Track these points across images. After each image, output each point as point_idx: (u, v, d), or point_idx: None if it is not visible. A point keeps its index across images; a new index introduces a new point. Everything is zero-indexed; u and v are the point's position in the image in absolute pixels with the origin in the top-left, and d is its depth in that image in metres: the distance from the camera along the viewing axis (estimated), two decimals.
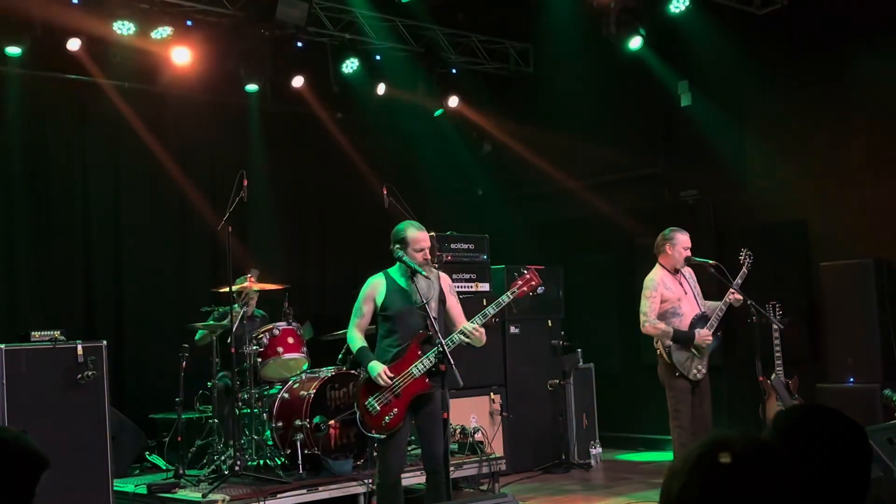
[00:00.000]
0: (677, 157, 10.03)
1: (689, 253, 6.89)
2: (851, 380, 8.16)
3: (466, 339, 5.50)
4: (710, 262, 7.10)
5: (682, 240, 6.90)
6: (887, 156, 8.56)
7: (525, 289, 5.67)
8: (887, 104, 8.53)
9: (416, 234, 5.49)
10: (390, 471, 5.49)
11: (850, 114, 8.80)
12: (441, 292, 5.56)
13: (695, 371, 6.71)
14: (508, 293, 5.69)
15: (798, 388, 7.73)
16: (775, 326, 7.68)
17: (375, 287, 5.57)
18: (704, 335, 6.68)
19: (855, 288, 8.31)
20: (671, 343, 6.67)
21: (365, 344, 5.56)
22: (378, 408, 5.37)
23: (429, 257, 5.53)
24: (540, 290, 5.90)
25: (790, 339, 8.01)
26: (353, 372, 7.39)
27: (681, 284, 6.86)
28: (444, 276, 5.68)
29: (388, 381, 5.37)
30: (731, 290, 6.78)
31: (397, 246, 5.51)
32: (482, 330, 5.57)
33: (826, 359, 8.50)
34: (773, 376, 7.74)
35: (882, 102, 8.58)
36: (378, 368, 5.38)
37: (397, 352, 5.46)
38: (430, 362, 5.40)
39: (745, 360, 8.19)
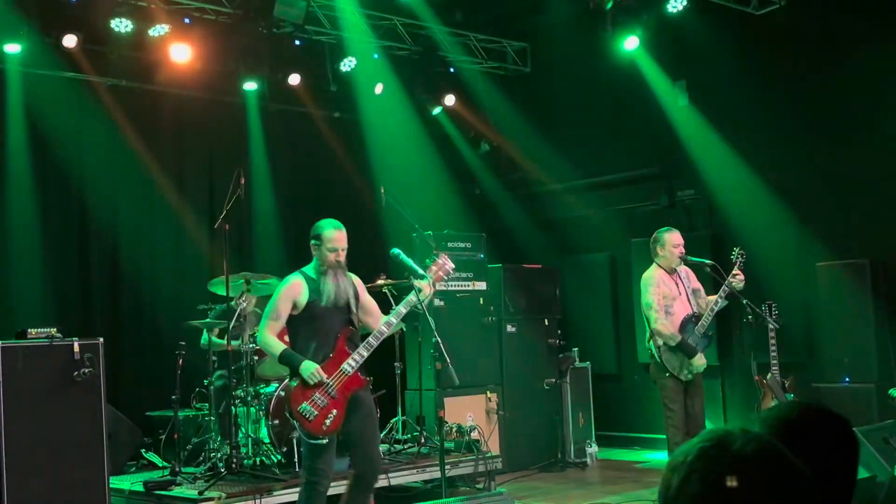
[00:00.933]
0: (674, 157, 10.04)
1: (681, 250, 6.92)
2: (847, 379, 8.18)
3: (375, 346, 5.34)
4: (707, 262, 7.13)
5: (671, 238, 6.94)
6: (883, 156, 8.57)
7: (440, 273, 5.62)
8: (884, 104, 8.54)
9: (333, 233, 5.41)
10: (327, 475, 5.31)
11: (847, 114, 8.80)
12: (356, 291, 5.52)
13: (686, 371, 6.77)
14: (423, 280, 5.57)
15: (794, 387, 7.75)
16: (771, 326, 7.71)
17: (296, 287, 5.38)
18: (701, 361, 6.74)
19: (850, 288, 8.32)
20: (663, 344, 6.72)
21: (285, 346, 5.38)
22: (315, 412, 5.18)
23: (342, 258, 5.43)
24: (452, 272, 5.82)
25: (786, 339, 8.03)
26: None
27: (676, 285, 6.89)
28: (357, 279, 5.62)
29: (322, 377, 5.19)
30: (724, 287, 6.80)
31: (314, 242, 5.42)
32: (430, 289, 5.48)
33: (822, 358, 8.52)
34: (769, 376, 7.76)
35: (879, 102, 8.59)
36: (311, 367, 5.19)
37: (324, 352, 5.30)
38: (362, 357, 5.30)
39: (741, 360, 8.23)
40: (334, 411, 5.23)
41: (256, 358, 7.36)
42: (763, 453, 1.24)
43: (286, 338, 5.61)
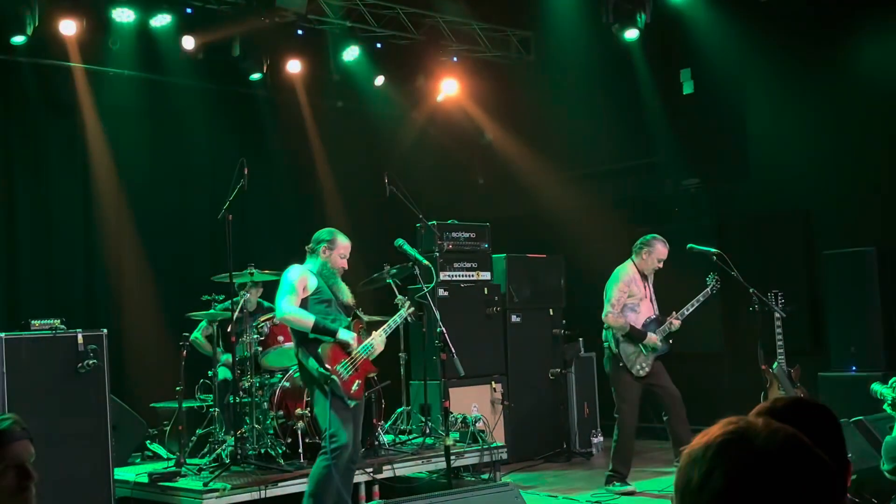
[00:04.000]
0: (679, 146, 9.99)
1: (661, 266, 7.23)
2: (854, 369, 8.14)
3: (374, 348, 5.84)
4: (713, 250, 7.14)
5: (661, 251, 7.16)
6: (890, 143, 8.52)
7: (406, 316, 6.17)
8: (891, 91, 8.48)
9: (345, 242, 5.86)
10: (349, 446, 5.53)
11: (853, 101, 8.75)
12: None
13: (638, 367, 7.14)
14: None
15: (800, 377, 7.72)
16: (777, 315, 7.68)
17: (305, 273, 5.77)
18: (653, 339, 7.11)
19: (857, 276, 8.28)
20: (621, 336, 7.08)
21: (315, 316, 5.67)
22: (346, 375, 5.58)
23: (346, 266, 5.88)
24: (413, 317, 6.42)
25: (792, 327, 8.00)
26: None
27: (644, 288, 7.24)
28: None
29: (356, 346, 5.67)
30: (679, 312, 7.21)
31: (325, 246, 5.78)
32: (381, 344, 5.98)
33: (828, 348, 8.48)
34: (775, 365, 7.73)
35: (886, 89, 8.53)
36: (350, 333, 5.67)
37: (346, 327, 5.73)
38: (373, 347, 5.82)
39: (746, 349, 8.20)
40: (358, 381, 5.66)
41: (261, 349, 7.34)
42: (788, 446, 1.21)
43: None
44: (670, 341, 7.26)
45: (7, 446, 2.36)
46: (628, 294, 7.14)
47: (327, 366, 5.54)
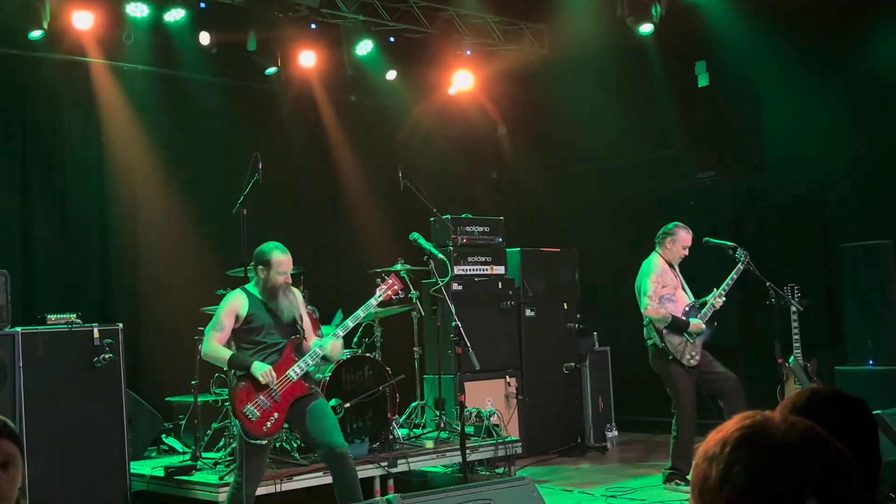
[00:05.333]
0: (694, 139, 9.93)
1: (686, 253, 7.07)
2: (871, 362, 8.08)
3: (321, 356, 5.55)
4: (729, 244, 7.12)
5: (684, 237, 7.04)
6: None
7: (389, 293, 5.79)
8: None
9: (281, 258, 5.56)
10: (256, 477, 5.48)
11: (869, 93, 8.68)
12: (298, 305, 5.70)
13: (688, 356, 6.91)
14: (372, 299, 5.77)
15: (816, 370, 7.68)
16: (794, 308, 7.65)
17: (238, 302, 5.55)
18: (697, 325, 6.92)
19: (874, 270, 8.22)
20: (664, 329, 6.87)
21: (232, 351, 5.51)
22: (258, 413, 5.36)
23: (289, 280, 5.61)
24: (401, 294, 6.01)
25: (809, 321, 7.96)
26: (368, 355, 7.39)
27: (675, 277, 7.08)
28: (297, 293, 5.78)
29: (273, 378, 5.37)
30: (721, 292, 7.00)
31: (261, 267, 5.57)
32: (339, 343, 5.61)
33: (845, 341, 8.43)
34: (791, 359, 7.69)
35: None
36: (264, 366, 5.38)
37: (271, 359, 5.46)
38: (307, 365, 5.49)
39: (763, 343, 8.16)
40: (276, 414, 5.41)
41: None
42: (807, 440, 1.19)
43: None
44: (714, 324, 7.03)
45: None
46: (662, 285, 6.95)
47: (235, 408, 5.38)
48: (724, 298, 7.00)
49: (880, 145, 8.64)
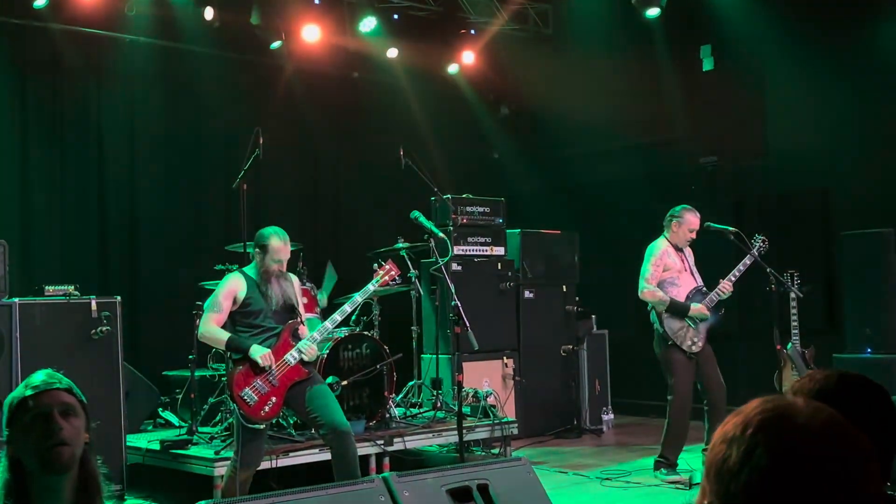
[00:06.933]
0: (697, 123, 9.89)
1: (694, 235, 6.95)
2: (869, 350, 8.08)
3: (300, 356, 5.49)
4: (730, 229, 7.08)
5: (691, 220, 6.93)
6: None
7: (386, 278, 5.76)
8: None
9: (278, 245, 5.52)
10: (254, 461, 5.48)
11: (873, 80, 8.63)
12: (294, 291, 5.68)
13: (689, 342, 6.77)
14: (370, 284, 5.76)
15: (814, 357, 7.67)
16: (793, 295, 7.64)
17: (236, 284, 5.53)
18: (699, 308, 6.75)
19: (875, 258, 8.20)
20: (664, 312, 6.75)
21: (230, 334, 5.49)
22: (256, 398, 5.35)
23: (283, 268, 5.58)
24: (399, 280, 6.00)
25: (808, 308, 7.94)
26: (366, 333, 7.38)
27: (682, 261, 6.95)
28: (296, 280, 5.77)
29: (271, 362, 5.36)
30: (730, 277, 6.88)
31: (258, 250, 5.55)
32: (314, 348, 5.55)
33: (843, 329, 8.43)
34: (789, 346, 7.69)
35: None
36: (263, 350, 5.36)
37: (269, 343, 5.45)
38: (301, 353, 5.46)
39: (761, 329, 8.15)
40: (273, 398, 5.40)
41: None
42: (830, 425, 1.18)
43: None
44: (721, 311, 6.87)
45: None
46: (663, 268, 6.84)
47: (232, 391, 5.36)
48: (731, 287, 6.84)
49: (885, 132, 8.60)
